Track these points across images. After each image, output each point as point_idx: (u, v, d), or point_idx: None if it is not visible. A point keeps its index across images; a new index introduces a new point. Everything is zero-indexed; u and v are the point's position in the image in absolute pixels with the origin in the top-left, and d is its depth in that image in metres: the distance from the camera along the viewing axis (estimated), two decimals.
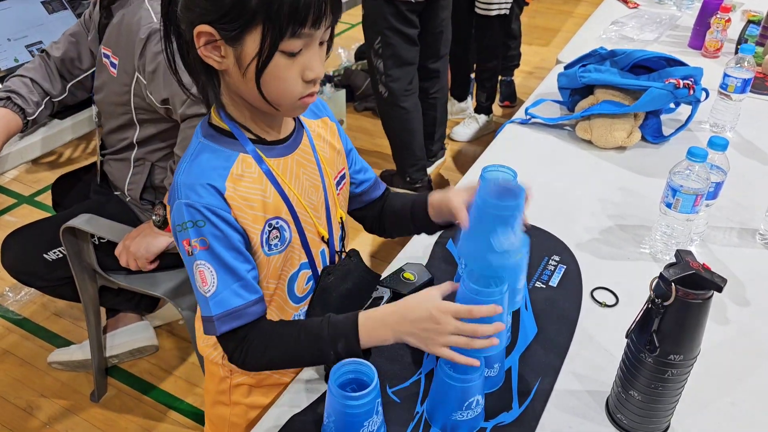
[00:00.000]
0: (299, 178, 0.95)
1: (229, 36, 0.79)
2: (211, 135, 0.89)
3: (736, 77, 1.56)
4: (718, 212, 1.33)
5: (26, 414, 1.88)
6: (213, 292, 0.85)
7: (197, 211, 0.83)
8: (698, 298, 0.78)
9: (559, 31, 4.61)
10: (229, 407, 1.07)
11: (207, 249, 0.84)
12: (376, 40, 2.50)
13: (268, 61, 0.79)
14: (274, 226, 0.91)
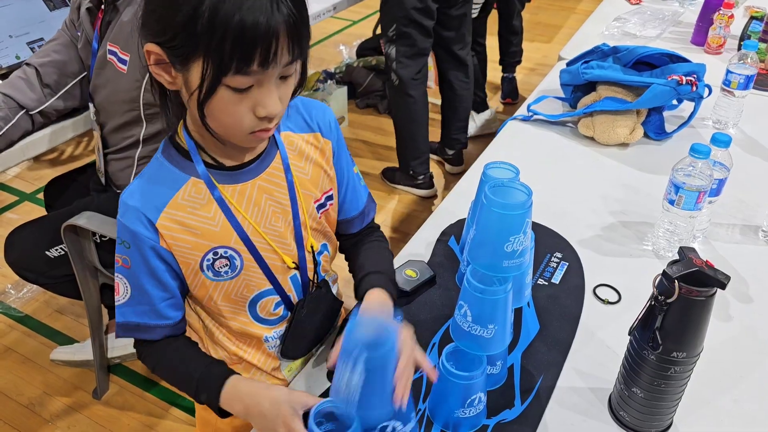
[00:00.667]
0: (259, 205, 0.90)
1: (175, 61, 0.76)
2: (169, 153, 0.88)
3: (739, 73, 1.55)
4: (721, 209, 1.33)
5: (29, 411, 1.89)
6: (122, 303, 0.90)
7: (126, 233, 0.86)
8: (701, 296, 0.78)
9: (561, 28, 4.60)
10: (212, 414, 1.05)
11: (128, 268, 0.88)
12: (391, 27, 2.51)
13: (210, 94, 0.75)
14: (221, 255, 0.89)
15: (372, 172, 3.04)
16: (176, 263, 0.88)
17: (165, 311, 0.91)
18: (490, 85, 3.62)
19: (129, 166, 1.63)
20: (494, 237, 0.83)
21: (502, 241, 0.82)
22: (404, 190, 2.92)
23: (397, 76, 2.60)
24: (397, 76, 2.60)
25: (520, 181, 0.88)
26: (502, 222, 0.82)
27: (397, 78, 2.61)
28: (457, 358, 0.88)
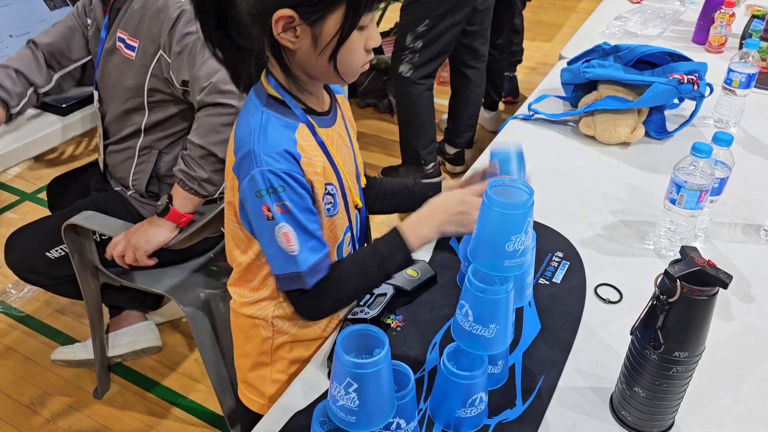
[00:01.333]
0: (340, 148, 1.01)
1: (311, 18, 0.83)
2: (272, 105, 0.93)
3: (741, 72, 1.55)
4: (723, 208, 1.33)
5: (29, 411, 1.89)
6: (299, 250, 0.92)
7: (278, 177, 0.88)
8: (703, 295, 0.78)
9: (562, 27, 4.59)
10: (270, 366, 1.09)
11: (287, 213, 0.90)
12: (422, 22, 2.48)
13: (347, 38, 0.85)
14: (328, 191, 0.97)
15: (373, 170, 3.03)
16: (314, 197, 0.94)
17: (323, 240, 0.96)
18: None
19: (129, 158, 1.63)
20: (496, 236, 0.83)
21: (504, 241, 0.82)
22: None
23: (413, 67, 2.58)
24: (413, 67, 2.58)
25: (521, 181, 0.88)
26: (503, 221, 0.82)
27: (411, 69, 2.58)
28: (458, 358, 0.87)
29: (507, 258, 0.83)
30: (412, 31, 2.52)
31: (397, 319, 1.07)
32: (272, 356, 1.08)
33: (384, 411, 0.79)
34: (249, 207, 0.92)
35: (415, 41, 2.53)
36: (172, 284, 1.62)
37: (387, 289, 1.10)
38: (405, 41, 2.55)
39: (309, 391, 0.96)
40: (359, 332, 0.80)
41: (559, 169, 1.49)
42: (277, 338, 1.07)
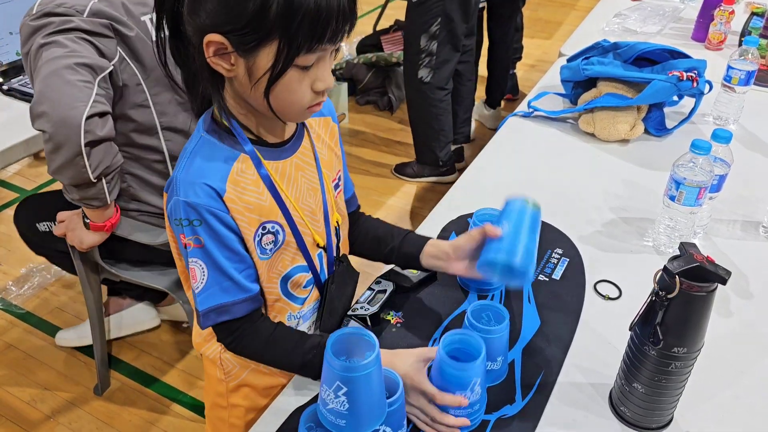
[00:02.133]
0: (297, 181, 0.94)
1: (242, 48, 0.77)
2: (214, 131, 0.88)
3: (740, 69, 1.55)
4: (722, 205, 1.33)
5: (30, 407, 1.89)
6: (201, 288, 0.87)
7: (194, 210, 0.84)
8: (702, 291, 0.78)
9: (562, 24, 4.59)
10: (227, 410, 1.07)
11: (201, 247, 0.85)
12: (435, 22, 2.47)
13: (281, 75, 0.79)
14: (268, 230, 0.91)
15: (373, 168, 3.04)
16: (241, 238, 0.88)
17: (245, 283, 0.89)
18: None
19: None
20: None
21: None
22: (428, 181, 2.92)
23: (432, 72, 2.57)
24: (432, 72, 2.57)
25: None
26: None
27: (431, 74, 2.57)
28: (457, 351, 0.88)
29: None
30: (425, 33, 2.50)
31: (396, 315, 1.07)
32: (228, 400, 1.06)
33: (374, 416, 0.79)
34: (172, 230, 0.89)
35: (429, 42, 2.52)
36: (172, 280, 1.62)
37: (387, 285, 1.10)
38: (420, 44, 2.53)
39: (310, 385, 0.96)
40: (349, 335, 0.80)
41: (558, 166, 1.49)
42: (231, 381, 1.04)
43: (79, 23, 1.30)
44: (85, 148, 1.25)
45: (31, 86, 1.75)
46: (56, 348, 2.08)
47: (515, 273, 0.89)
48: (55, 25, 1.28)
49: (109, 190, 1.38)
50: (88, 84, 1.26)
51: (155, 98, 1.44)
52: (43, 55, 1.26)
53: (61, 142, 1.24)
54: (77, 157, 1.26)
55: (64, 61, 1.25)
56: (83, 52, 1.28)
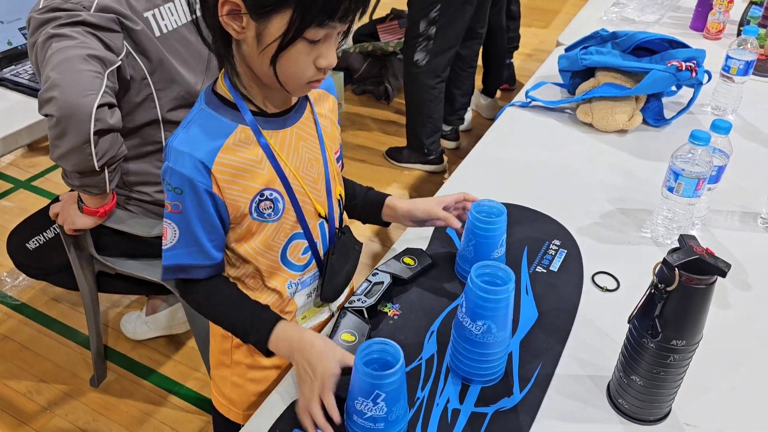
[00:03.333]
0: (297, 151, 0.96)
1: (255, 12, 0.79)
2: (214, 103, 0.90)
3: (739, 59, 1.55)
4: (720, 196, 1.32)
5: (26, 399, 1.88)
6: (170, 246, 0.93)
7: (179, 179, 0.87)
8: (702, 284, 0.77)
9: (559, 13, 4.57)
10: (230, 368, 1.08)
11: (178, 213, 0.90)
12: (434, 7, 2.47)
13: (289, 45, 0.80)
14: (266, 197, 0.93)
15: (370, 156, 3.03)
16: (225, 208, 0.91)
17: (211, 252, 0.93)
18: None
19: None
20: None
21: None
22: (414, 167, 2.93)
23: (428, 56, 2.56)
24: (428, 56, 2.56)
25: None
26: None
27: (426, 57, 2.57)
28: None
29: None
30: (425, 17, 2.50)
31: (394, 307, 1.07)
32: (231, 357, 1.07)
33: (406, 409, 0.85)
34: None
35: (428, 27, 2.51)
36: None
37: (384, 277, 1.10)
38: (418, 28, 2.53)
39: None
40: (368, 347, 0.84)
41: (556, 156, 1.48)
42: (235, 338, 1.05)
43: (86, 17, 1.29)
44: (94, 137, 1.25)
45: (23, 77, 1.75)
46: (52, 339, 2.07)
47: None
48: (63, 18, 1.28)
49: (110, 180, 1.38)
50: (98, 75, 1.26)
51: (160, 93, 1.44)
52: (53, 46, 1.26)
53: (69, 128, 1.24)
54: (84, 145, 1.26)
55: (76, 51, 1.25)
56: (92, 44, 1.29)
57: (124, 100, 1.41)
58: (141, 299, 2.20)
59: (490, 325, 0.87)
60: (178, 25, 1.47)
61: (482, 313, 0.87)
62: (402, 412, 0.84)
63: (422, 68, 2.60)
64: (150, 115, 1.45)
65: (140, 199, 1.55)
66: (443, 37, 2.53)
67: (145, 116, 1.45)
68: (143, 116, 1.45)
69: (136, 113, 1.44)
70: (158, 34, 1.42)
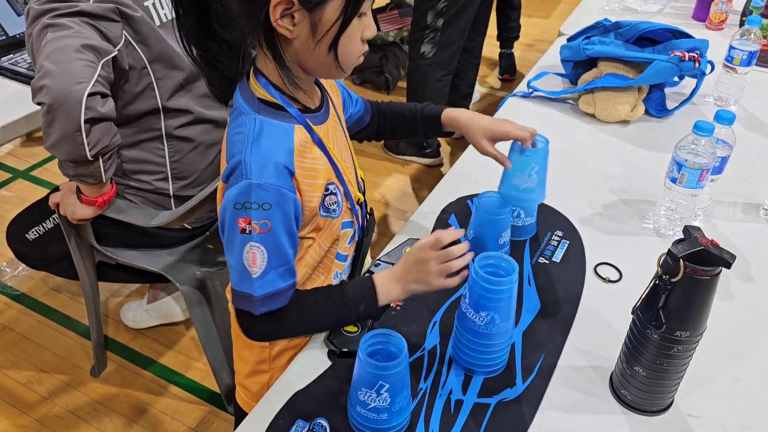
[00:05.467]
0: (338, 141, 0.98)
1: (309, 3, 0.79)
2: (264, 110, 0.88)
3: (742, 50, 1.54)
4: (722, 187, 1.32)
5: (26, 389, 1.89)
6: (260, 273, 0.86)
7: (268, 194, 0.83)
8: (706, 275, 0.77)
9: (560, 3, 4.54)
10: (268, 373, 1.07)
11: (267, 232, 0.84)
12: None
13: (348, 25, 0.82)
14: (331, 191, 0.94)
15: (369, 147, 3.02)
16: (301, 213, 0.89)
17: (294, 267, 0.90)
18: (488, 60, 3.59)
19: None
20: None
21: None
22: (411, 160, 2.93)
23: (435, 47, 2.54)
24: (435, 47, 2.54)
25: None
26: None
27: (433, 49, 2.55)
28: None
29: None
30: (432, 9, 2.48)
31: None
32: (271, 364, 1.06)
33: (409, 399, 0.85)
34: (227, 214, 0.86)
35: (436, 19, 2.49)
36: (167, 262, 1.61)
37: (386, 267, 1.09)
38: (426, 20, 2.51)
39: (310, 369, 0.96)
40: (371, 337, 0.84)
41: (558, 147, 1.47)
42: (275, 346, 1.04)
43: (85, 7, 1.29)
44: (85, 125, 1.24)
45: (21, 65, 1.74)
46: (52, 330, 2.07)
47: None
48: (61, 9, 1.28)
49: (105, 169, 1.37)
50: (92, 64, 1.26)
51: (159, 81, 1.44)
52: (48, 35, 1.25)
53: (60, 116, 1.23)
54: (75, 133, 1.25)
55: (70, 41, 1.24)
56: (88, 34, 1.28)
57: (123, 89, 1.40)
58: (141, 290, 2.20)
59: (493, 316, 0.87)
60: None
61: (486, 304, 0.87)
62: (405, 402, 0.84)
63: (429, 60, 2.58)
64: (150, 104, 1.45)
65: (139, 188, 1.54)
66: (450, 29, 2.51)
67: (144, 105, 1.44)
68: (143, 105, 1.44)
69: (135, 102, 1.43)
70: (158, 23, 1.41)
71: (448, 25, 2.50)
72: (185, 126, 1.51)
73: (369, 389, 0.81)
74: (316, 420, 0.87)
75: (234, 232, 0.85)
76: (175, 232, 1.61)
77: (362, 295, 0.92)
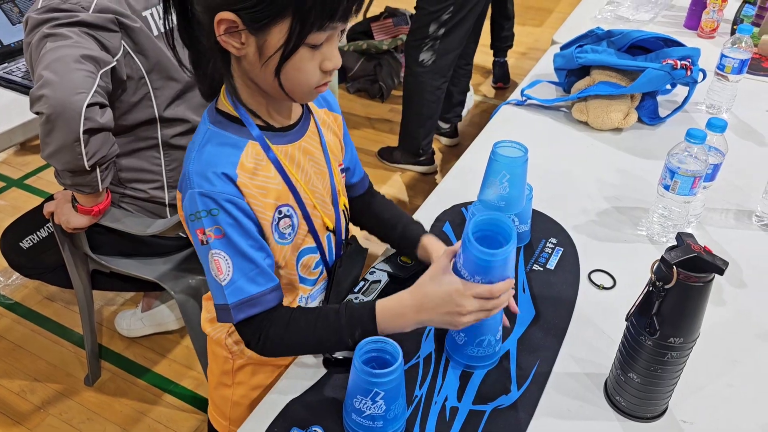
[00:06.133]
0: (303, 166, 0.94)
1: (253, 26, 0.77)
2: (219, 121, 0.88)
3: (734, 58, 1.55)
4: (715, 194, 1.33)
5: (20, 398, 1.87)
6: (228, 280, 0.85)
7: (211, 200, 0.83)
8: (699, 281, 0.78)
9: (553, 12, 4.58)
10: (231, 388, 1.07)
11: (222, 237, 0.84)
12: (447, 9, 2.46)
13: (292, 54, 0.78)
14: (284, 213, 0.91)
15: (364, 157, 3.03)
16: (258, 224, 0.87)
17: (269, 270, 0.87)
18: (481, 69, 3.61)
19: None
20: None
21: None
22: (405, 168, 2.94)
23: (435, 56, 2.56)
24: (435, 56, 2.56)
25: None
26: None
27: (433, 57, 2.56)
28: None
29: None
30: (436, 20, 2.50)
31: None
32: (233, 378, 1.06)
33: (404, 406, 0.85)
34: (188, 229, 0.86)
35: (438, 29, 2.51)
36: (162, 271, 1.61)
37: (381, 276, 1.09)
38: (428, 30, 2.53)
39: (305, 377, 0.96)
40: (367, 344, 0.83)
41: (552, 154, 1.49)
42: (237, 360, 1.04)
43: (84, 17, 1.29)
44: (84, 136, 1.25)
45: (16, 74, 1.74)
46: (46, 338, 2.06)
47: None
48: (61, 19, 1.28)
49: (102, 179, 1.37)
50: (91, 74, 1.26)
51: (157, 91, 1.44)
52: (48, 45, 1.26)
53: (58, 126, 1.23)
54: (74, 143, 1.25)
55: (70, 50, 1.25)
56: (87, 44, 1.28)
57: (120, 99, 1.41)
58: (135, 298, 2.19)
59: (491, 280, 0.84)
60: (175, 23, 1.46)
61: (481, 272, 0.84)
62: (400, 410, 0.84)
63: (428, 68, 2.59)
64: (147, 113, 1.45)
65: (135, 196, 1.54)
66: (450, 37, 2.53)
67: (142, 115, 1.45)
68: (140, 115, 1.45)
69: (132, 112, 1.44)
70: (156, 33, 1.42)
71: (448, 34, 2.52)
72: (182, 135, 1.51)
73: (364, 397, 0.81)
74: (311, 428, 0.87)
75: (198, 245, 0.86)
76: (170, 240, 1.61)
77: (359, 322, 0.88)
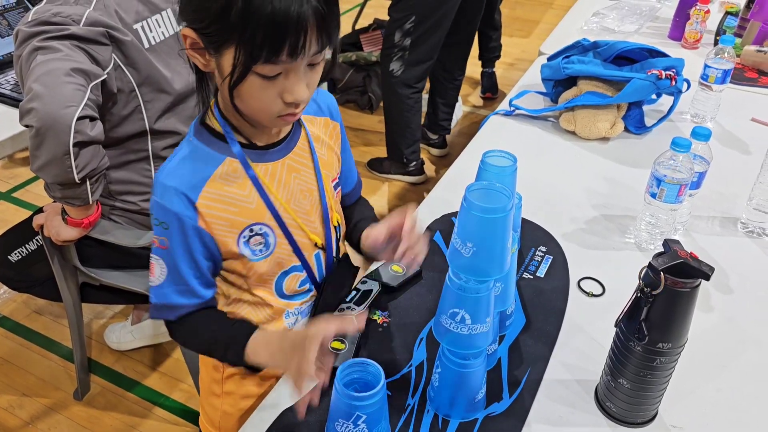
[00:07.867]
0: (288, 183, 0.94)
1: (210, 47, 0.79)
2: (202, 135, 0.89)
3: (717, 68, 1.58)
4: (701, 201, 1.35)
5: (8, 413, 1.86)
6: (158, 284, 0.90)
7: (164, 213, 0.86)
8: (686, 287, 0.79)
9: (539, 23, 4.63)
10: (221, 398, 1.07)
11: (165, 249, 0.88)
12: (409, 19, 2.49)
13: (240, 81, 0.78)
14: (256, 231, 0.92)
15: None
16: (214, 243, 0.89)
17: (199, 290, 0.92)
18: (470, 79, 3.64)
19: None
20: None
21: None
22: (394, 178, 2.95)
23: (403, 66, 2.58)
24: (403, 66, 2.58)
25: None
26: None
27: (402, 68, 2.59)
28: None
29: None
30: (400, 29, 2.53)
31: (383, 315, 1.07)
32: (222, 387, 1.07)
33: (387, 430, 0.82)
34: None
35: (403, 39, 2.54)
36: None
37: (372, 285, 1.10)
38: (394, 39, 2.56)
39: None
40: (349, 366, 0.80)
41: (540, 164, 1.50)
42: (227, 369, 1.05)
43: (75, 30, 1.29)
44: (74, 149, 1.25)
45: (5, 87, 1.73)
46: (34, 353, 2.04)
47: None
48: (51, 32, 1.28)
49: (93, 191, 1.37)
50: (81, 88, 1.26)
51: (147, 104, 1.44)
52: (38, 58, 1.26)
53: (49, 139, 1.23)
54: (64, 156, 1.25)
55: (60, 64, 1.25)
56: (78, 57, 1.28)
57: (111, 112, 1.41)
58: (125, 311, 2.18)
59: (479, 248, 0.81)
60: (166, 36, 1.47)
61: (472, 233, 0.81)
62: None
63: (398, 78, 2.62)
64: (138, 126, 1.45)
65: (125, 209, 1.54)
66: (418, 48, 2.55)
67: (132, 127, 1.45)
68: (131, 127, 1.45)
69: (123, 125, 1.44)
70: (147, 46, 1.42)
71: (415, 45, 2.55)
72: (172, 147, 1.52)
73: (346, 420, 0.78)
74: None
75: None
76: None
77: (233, 342, 0.89)
